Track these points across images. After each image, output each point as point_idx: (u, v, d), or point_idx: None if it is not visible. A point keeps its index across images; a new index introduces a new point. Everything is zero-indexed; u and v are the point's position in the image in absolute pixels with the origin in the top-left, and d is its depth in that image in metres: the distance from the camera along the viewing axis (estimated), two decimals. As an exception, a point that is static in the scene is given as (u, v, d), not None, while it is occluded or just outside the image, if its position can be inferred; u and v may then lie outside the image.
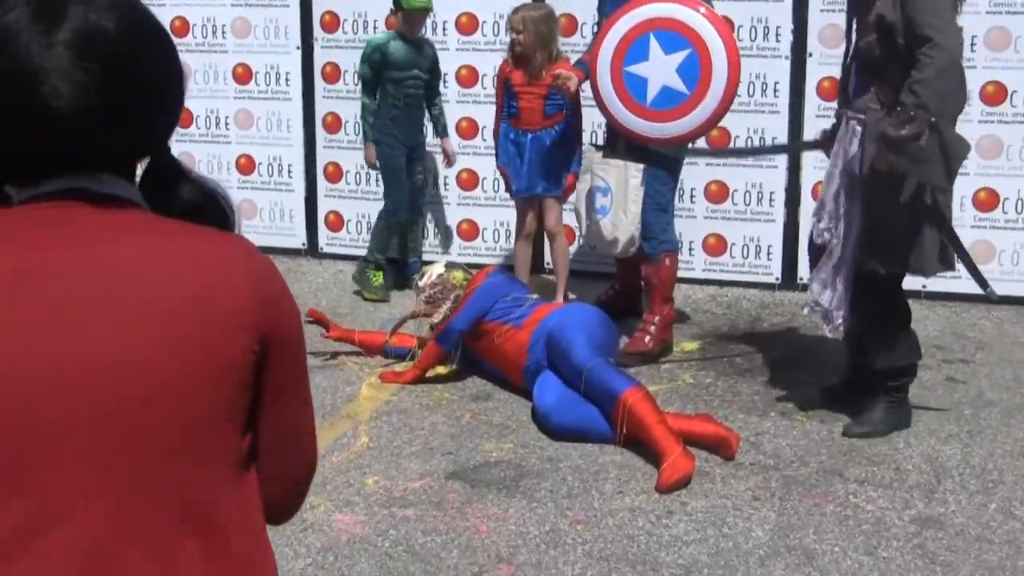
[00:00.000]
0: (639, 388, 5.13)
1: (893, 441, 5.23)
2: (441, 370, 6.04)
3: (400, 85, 7.31)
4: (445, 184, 8.13)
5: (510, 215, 7.62)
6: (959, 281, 7.31)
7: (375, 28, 7.97)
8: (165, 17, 7.89)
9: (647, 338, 6.27)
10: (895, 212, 4.93)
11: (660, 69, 5.95)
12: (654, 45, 5.97)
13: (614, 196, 6.20)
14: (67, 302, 1.45)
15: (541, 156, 6.87)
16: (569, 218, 7.38)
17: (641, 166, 6.19)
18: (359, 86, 7.50)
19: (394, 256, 7.80)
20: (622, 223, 6.23)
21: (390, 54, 7.23)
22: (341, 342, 6.39)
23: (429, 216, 8.23)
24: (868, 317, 5.21)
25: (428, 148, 7.80)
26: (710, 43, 5.84)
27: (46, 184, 1.51)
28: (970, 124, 6.66)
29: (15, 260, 1.46)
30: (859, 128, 5.05)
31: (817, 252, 5.35)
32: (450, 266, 6.31)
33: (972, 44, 7.09)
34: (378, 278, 7.47)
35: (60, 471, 1.43)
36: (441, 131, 7.64)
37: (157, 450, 1.48)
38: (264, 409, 1.60)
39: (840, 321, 5.19)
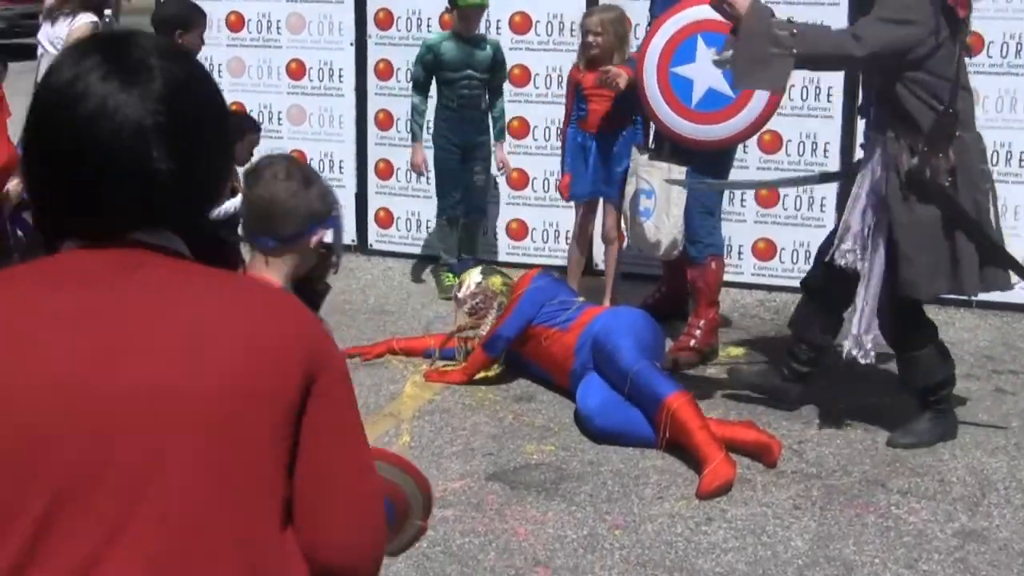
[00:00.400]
0: (684, 393, 5.12)
1: (938, 452, 5.18)
2: (485, 373, 6.04)
3: (453, 86, 7.29)
4: (496, 183, 8.12)
5: (560, 215, 7.62)
6: (1011, 291, 7.25)
7: (429, 26, 7.98)
8: (221, 12, 8.03)
9: (692, 341, 6.23)
10: (922, 230, 4.96)
11: (706, 71, 5.87)
12: (701, 47, 5.92)
13: (657, 199, 6.16)
14: (141, 343, 1.51)
15: (607, 160, 6.82)
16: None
17: (684, 168, 6.14)
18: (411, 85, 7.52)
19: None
20: (664, 226, 6.18)
21: (442, 54, 7.22)
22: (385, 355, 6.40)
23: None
24: (896, 340, 5.20)
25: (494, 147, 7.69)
26: None
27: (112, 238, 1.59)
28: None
29: (91, 299, 1.53)
30: (883, 149, 5.09)
31: (827, 269, 5.36)
32: (487, 272, 6.28)
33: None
34: (450, 279, 7.39)
35: (123, 502, 1.47)
36: (497, 134, 7.56)
37: (216, 484, 1.51)
38: (304, 452, 1.59)
39: (871, 347, 5.19)
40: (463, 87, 7.29)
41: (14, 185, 5.76)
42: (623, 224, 6.67)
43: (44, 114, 1.57)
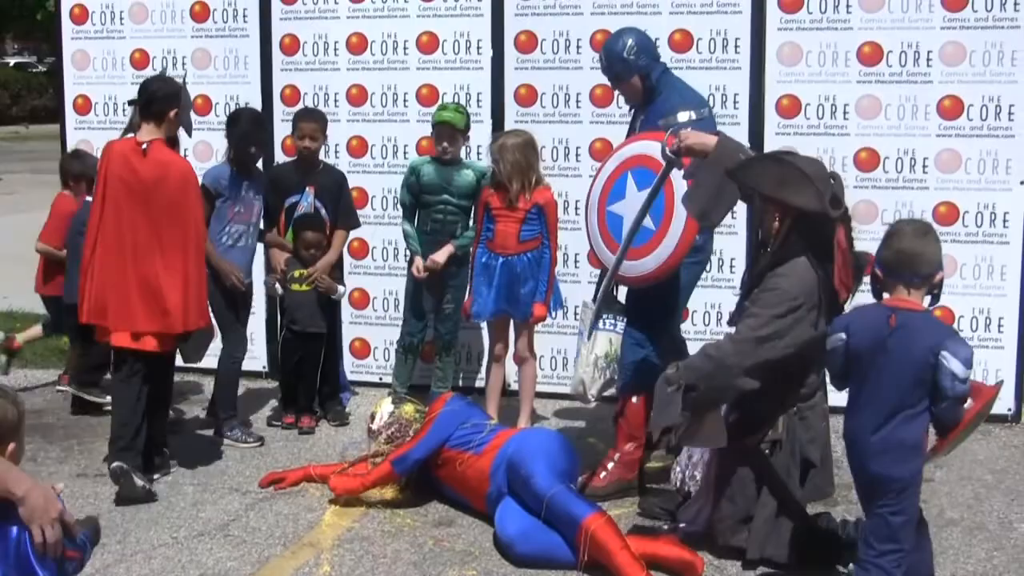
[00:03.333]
0: (601, 514, 5.12)
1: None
2: (389, 494, 6.01)
3: (428, 209, 7.24)
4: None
5: (567, 342, 7.62)
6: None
7: (578, 47, 7.84)
8: (342, 33, 8.22)
9: (603, 473, 6.14)
10: (738, 480, 5.19)
11: (633, 207, 5.83)
12: (630, 183, 5.93)
13: (583, 340, 6.26)
14: None
15: (510, 281, 6.87)
16: (542, 345, 7.43)
17: (595, 306, 6.22)
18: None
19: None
20: (580, 365, 6.27)
21: (422, 176, 7.21)
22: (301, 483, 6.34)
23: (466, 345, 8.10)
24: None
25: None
26: (672, 176, 5.67)
27: None
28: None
29: None
30: None
31: None
32: (397, 401, 6.35)
33: (845, 112, 7.48)
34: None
35: None
36: (458, 247, 7.25)
37: None
38: None
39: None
40: (438, 211, 7.22)
41: None
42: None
43: None
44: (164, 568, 5.23)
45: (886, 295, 4.51)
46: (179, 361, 6.51)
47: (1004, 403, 7.38)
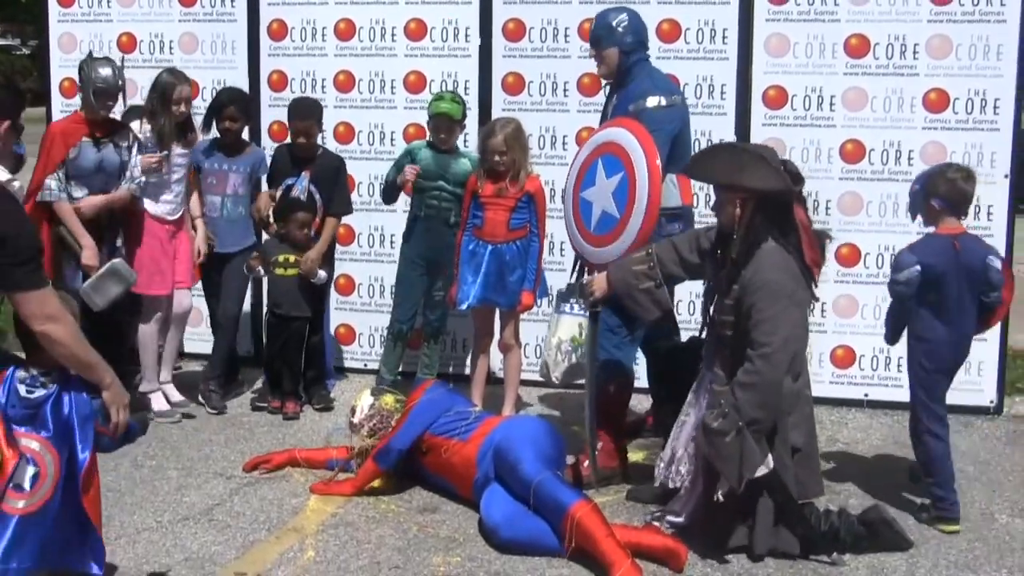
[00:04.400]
0: (587, 501, 5.13)
1: (840, 552, 5.24)
2: (377, 484, 6.00)
3: (423, 195, 7.23)
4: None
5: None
6: (900, 390, 7.44)
7: (566, 36, 7.86)
8: (330, 19, 8.16)
9: (586, 462, 6.12)
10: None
11: (602, 193, 5.89)
12: (600, 170, 5.94)
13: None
14: None
15: (498, 269, 6.87)
16: (527, 332, 7.44)
17: (565, 291, 6.26)
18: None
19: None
20: (544, 348, 6.32)
21: (418, 160, 7.18)
22: (286, 466, 6.35)
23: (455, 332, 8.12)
24: None
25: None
26: (636, 163, 5.72)
27: None
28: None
29: None
30: (712, 387, 5.28)
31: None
32: (376, 392, 6.36)
33: (832, 104, 7.52)
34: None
35: None
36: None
37: None
38: None
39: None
40: (432, 197, 7.20)
41: None
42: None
43: None
44: (148, 552, 5.23)
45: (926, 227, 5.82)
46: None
47: (986, 395, 7.45)
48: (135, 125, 7.11)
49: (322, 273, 7.44)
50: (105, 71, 6.85)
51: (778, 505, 5.12)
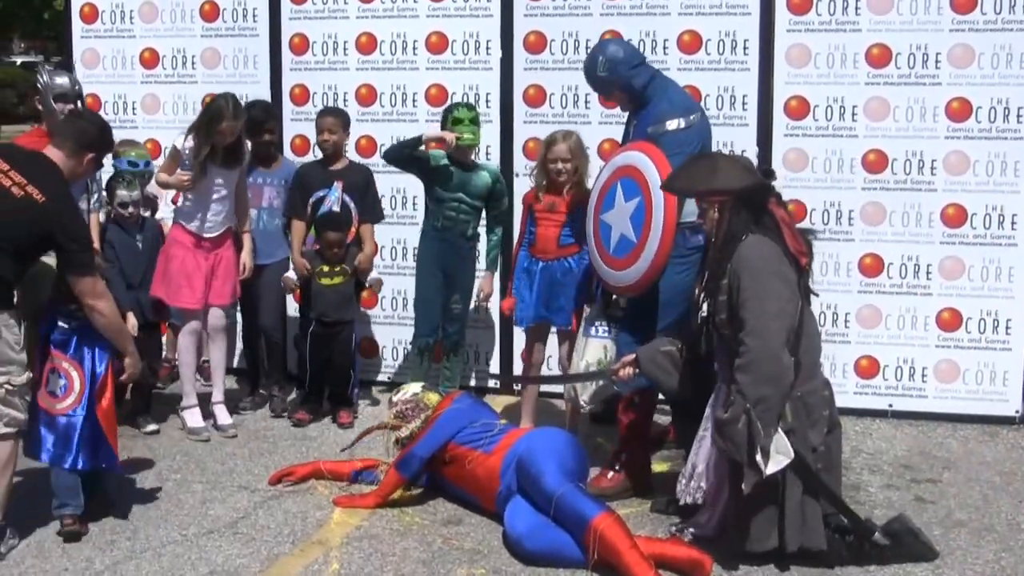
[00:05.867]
0: (610, 513, 5.13)
1: (864, 564, 5.22)
2: (399, 495, 6.00)
3: (441, 205, 7.25)
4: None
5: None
6: (925, 400, 7.44)
7: (587, 47, 7.61)
8: (351, 33, 8.22)
9: (610, 474, 6.13)
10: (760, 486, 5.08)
11: (620, 217, 5.89)
12: (619, 193, 5.94)
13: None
14: None
15: (549, 287, 6.79)
16: (552, 346, 7.43)
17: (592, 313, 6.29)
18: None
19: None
20: (573, 371, 6.34)
21: (441, 169, 7.23)
22: (311, 478, 6.37)
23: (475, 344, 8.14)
24: None
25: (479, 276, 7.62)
26: (652, 188, 5.72)
27: None
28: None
29: None
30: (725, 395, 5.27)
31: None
32: (427, 388, 6.35)
33: (854, 114, 7.50)
34: None
35: None
36: (488, 264, 7.51)
37: None
38: None
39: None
40: (451, 209, 7.23)
41: None
42: None
43: None
44: (174, 565, 5.24)
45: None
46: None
47: (1012, 405, 7.40)
48: (179, 140, 7.11)
49: (375, 274, 7.63)
50: (61, 79, 6.88)
51: (805, 497, 5.12)
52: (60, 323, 5.51)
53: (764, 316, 5.00)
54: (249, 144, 7.49)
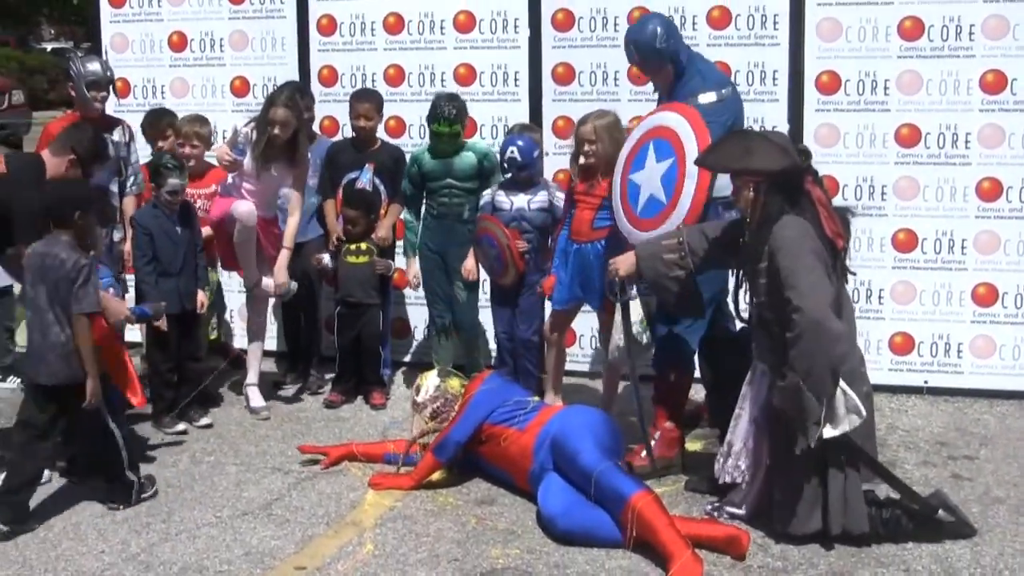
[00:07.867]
0: (648, 491, 5.11)
1: (901, 541, 5.18)
2: (436, 476, 6.00)
3: (434, 195, 7.32)
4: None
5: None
6: (961, 376, 7.38)
7: (615, 25, 7.76)
8: (379, 13, 8.25)
9: (644, 452, 6.09)
10: (801, 466, 5.07)
11: (651, 177, 5.86)
12: (651, 153, 5.91)
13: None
14: None
15: (582, 269, 6.66)
16: (581, 324, 7.43)
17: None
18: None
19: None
20: (615, 332, 6.33)
21: (423, 165, 7.28)
22: (344, 460, 6.37)
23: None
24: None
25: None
26: (687, 150, 5.70)
27: None
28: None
29: None
30: (767, 375, 5.25)
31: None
32: (443, 374, 6.33)
33: (886, 88, 7.40)
34: None
35: None
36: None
37: None
38: None
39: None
40: (443, 195, 7.29)
41: None
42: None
43: None
44: (208, 547, 5.26)
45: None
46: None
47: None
48: (239, 124, 7.11)
49: (391, 263, 7.65)
50: (94, 65, 6.99)
51: (848, 480, 5.09)
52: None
53: (803, 291, 4.95)
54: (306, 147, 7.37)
